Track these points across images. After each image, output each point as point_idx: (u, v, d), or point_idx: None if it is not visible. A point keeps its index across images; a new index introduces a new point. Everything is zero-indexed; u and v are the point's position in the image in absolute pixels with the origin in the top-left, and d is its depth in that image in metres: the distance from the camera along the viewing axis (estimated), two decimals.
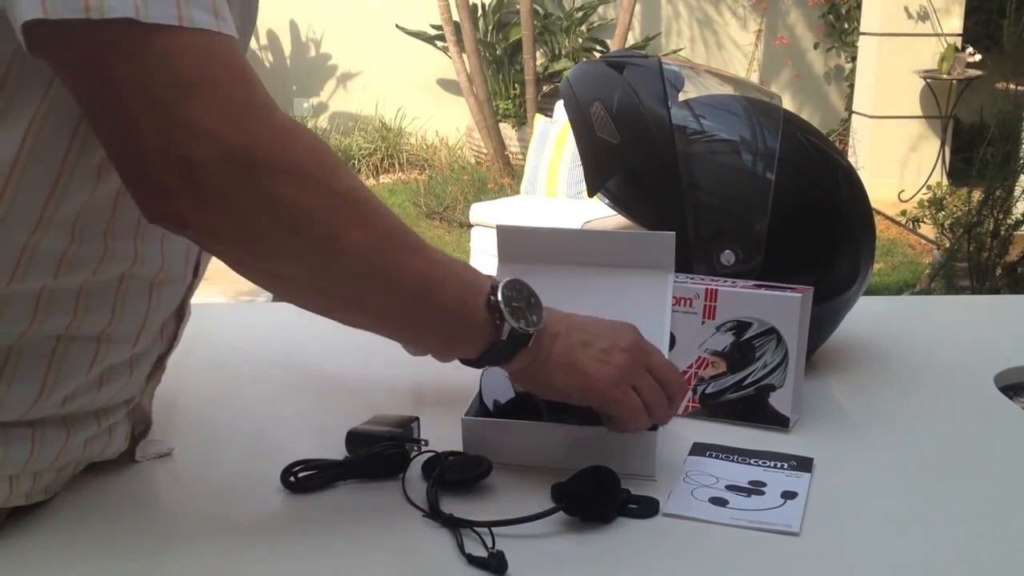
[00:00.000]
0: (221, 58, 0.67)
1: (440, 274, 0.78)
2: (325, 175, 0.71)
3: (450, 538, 0.78)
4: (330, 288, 0.75)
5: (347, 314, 0.78)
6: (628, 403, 0.85)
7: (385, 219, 0.75)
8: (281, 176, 0.68)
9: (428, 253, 0.78)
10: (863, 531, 0.81)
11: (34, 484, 0.80)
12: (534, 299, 0.83)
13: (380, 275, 0.75)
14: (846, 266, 1.11)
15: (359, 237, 0.72)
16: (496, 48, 7.50)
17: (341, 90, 7.90)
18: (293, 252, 0.71)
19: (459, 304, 0.80)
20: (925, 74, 6.71)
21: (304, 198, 0.69)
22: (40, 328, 0.76)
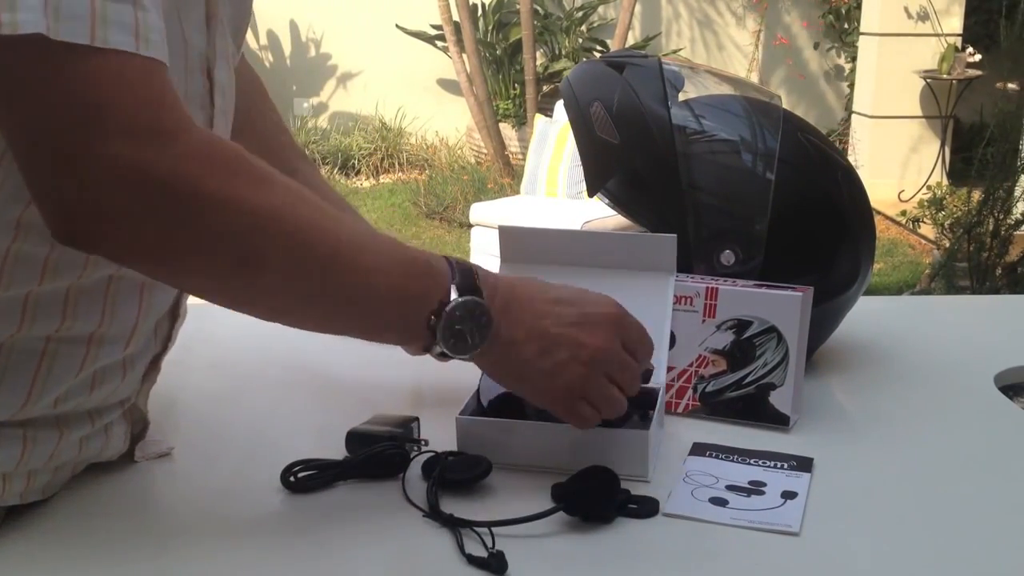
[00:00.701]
0: (129, 80, 0.65)
1: (376, 285, 0.77)
2: (237, 197, 0.69)
3: (450, 538, 0.78)
4: (249, 301, 0.75)
5: (273, 320, 0.78)
6: (575, 418, 0.85)
7: (310, 235, 0.73)
8: (184, 201, 0.67)
9: (369, 259, 0.77)
10: (863, 531, 0.81)
11: (28, 484, 0.80)
12: (485, 319, 0.80)
13: (301, 293, 0.75)
14: (846, 266, 1.11)
15: (272, 259, 0.72)
16: (496, 48, 7.50)
17: (341, 90, 7.90)
18: (205, 273, 0.72)
19: (394, 314, 0.79)
20: (925, 74, 6.71)
21: (214, 223, 0.69)
22: (29, 331, 0.76)
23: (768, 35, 8.03)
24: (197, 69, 0.81)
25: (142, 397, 0.91)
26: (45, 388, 0.77)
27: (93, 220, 0.66)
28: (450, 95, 7.78)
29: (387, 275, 0.77)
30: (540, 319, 0.84)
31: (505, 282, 0.84)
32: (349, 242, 0.76)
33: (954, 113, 6.81)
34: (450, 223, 6.37)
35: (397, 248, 0.80)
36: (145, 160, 0.65)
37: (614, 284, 1.00)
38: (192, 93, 0.81)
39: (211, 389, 1.09)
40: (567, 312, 0.84)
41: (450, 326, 0.79)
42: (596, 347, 0.84)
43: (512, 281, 0.85)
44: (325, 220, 0.75)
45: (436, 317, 0.79)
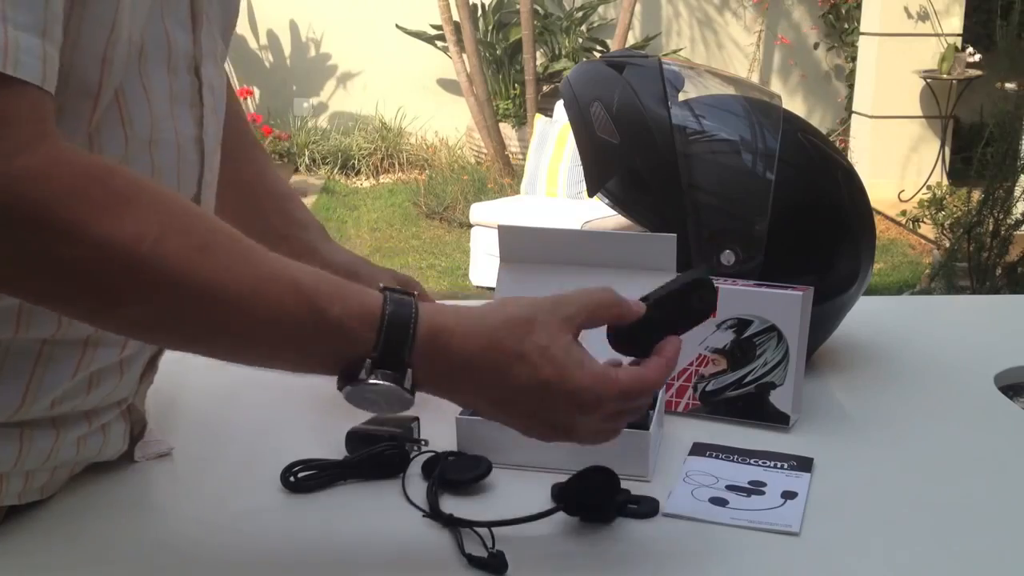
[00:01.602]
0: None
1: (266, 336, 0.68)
2: (79, 223, 0.62)
3: (450, 538, 0.78)
4: (121, 329, 0.70)
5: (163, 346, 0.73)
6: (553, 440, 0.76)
7: (178, 273, 0.64)
8: (26, 226, 0.61)
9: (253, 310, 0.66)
10: (863, 531, 0.81)
11: (26, 484, 0.80)
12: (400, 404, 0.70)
13: (176, 331, 0.67)
14: (846, 266, 1.11)
15: (131, 296, 0.64)
16: (496, 48, 7.50)
17: (341, 90, 7.90)
18: (63, 302, 0.66)
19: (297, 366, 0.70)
20: (925, 74, 6.72)
21: (55, 250, 0.62)
22: (26, 335, 0.75)
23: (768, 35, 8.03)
24: (183, 68, 0.81)
25: (139, 397, 0.91)
26: (41, 390, 0.77)
27: None
28: (450, 95, 7.78)
29: (287, 329, 0.67)
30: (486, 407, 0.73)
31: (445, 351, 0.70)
32: (236, 285, 0.66)
33: (954, 113, 6.81)
34: (450, 223, 6.37)
35: (306, 294, 0.67)
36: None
37: (614, 284, 1.00)
38: (179, 92, 0.80)
39: (211, 389, 1.09)
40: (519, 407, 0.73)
41: (359, 398, 0.70)
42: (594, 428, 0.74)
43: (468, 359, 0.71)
44: (206, 254, 0.65)
45: (342, 386, 0.69)
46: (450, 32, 6.92)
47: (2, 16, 0.61)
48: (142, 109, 0.76)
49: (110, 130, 0.74)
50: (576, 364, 0.71)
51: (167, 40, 0.78)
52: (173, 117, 0.80)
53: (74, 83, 0.69)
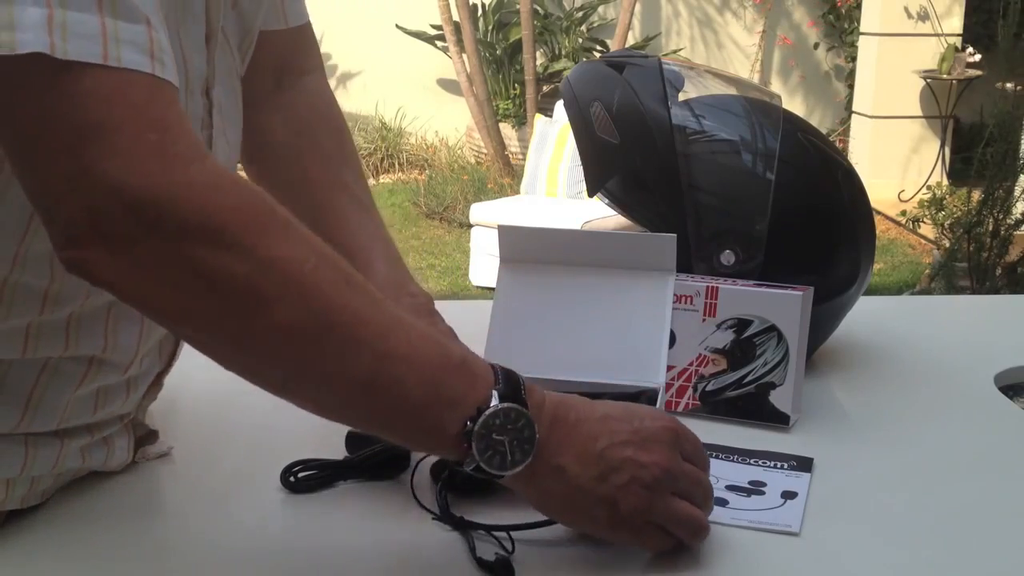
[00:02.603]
0: (134, 101, 0.61)
1: (400, 372, 0.67)
2: (248, 238, 0.63)
3: (451, 540, 0.78)
4: (251, 365, 0.68)
5: (276, 392, 0.70)
6: (642, 543, 0.75)
7: (330, 301, 0.65)
8: (192, 234, 0.61)
9: (394, 343, 0.67)
10: (863, 531, 0.81)
11: (31, 489, 0.80)
12: (528, 431, 0.70)
13: (309, 363, 0.67)
14: (846, 266, 1.11)
15: (284, 315, 0.64)
16: (496, 48, 7.51)
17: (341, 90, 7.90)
18: (204, 318, 0.65)
19: (421, 412, 0.69)
20: (925, 74, 6.72)
21: (217, 261, 0.62)
22: (33, 356, 0.75)
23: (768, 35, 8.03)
24: (197, 90, 0.80)
25: (141, 411, 0.91)
26: (43, 400, 0.76)
27: (94, 245, 0.61)
28: (450, 95, 7.79)
29: (420, 365, 0.68)
30: (592, 440, 0.72)
31: (551, 398, 0.73)
32: (376, 320, 0.67)
33: (954, 113, 6.81)
34: (450, 223, 6.37)
35: (432, 337, 0.70)
36: (148, 184, 0.60)
37: (614, 284, 1.00)
38: (191, 113, 0.79)
39: (211, 389, 1.08)
40: (620, 429, 0.73)
41: (487, 435, 0.69)
42: (658, 465, 0.73)
43: (557, 398, 0.74)
44: (351, 288, 0.67)
45: (472, 423, 0.68)
46: (450, 32, 6.92)
47: (147, 23, 0.62)
48: None
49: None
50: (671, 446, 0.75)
51: (184, 63, 0.77)
52: None
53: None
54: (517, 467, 0.70)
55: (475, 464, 0.70)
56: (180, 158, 0.62)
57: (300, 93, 1.02)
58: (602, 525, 0.74)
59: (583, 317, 0.99)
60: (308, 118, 1.02)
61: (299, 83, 1.03)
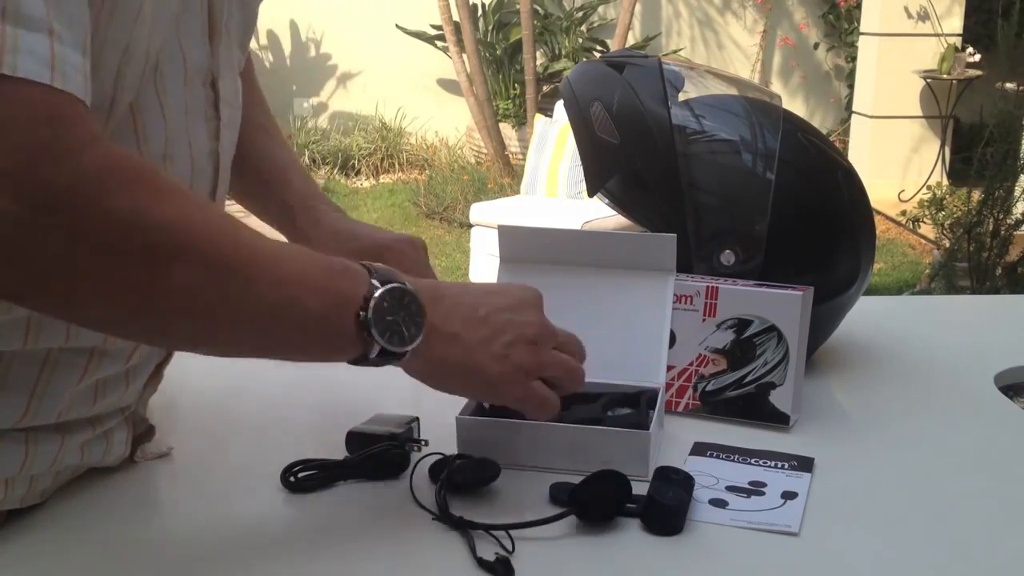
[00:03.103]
0: (33, 102, 0.62)
1: (294, 292, 0.72)
2: (137, 212, 0.65)
3: (452, 540, 0.78)
4: (161, 328, 0.70)
5: (188, 349, 0.74)
6: (532, 399, 0.84)
7: (222, 247, 0.69)
8: (84, 218, 0.63)
9: (286, 267, 0.73)
10: (863, 531, 0.81)
11: (30, 488, 0.80)
12: (415, 306, 0.77)
13: (215, 310, 0.70)
14: (846, 266, 1.11)
15: (181, 273, 0.67)
16: (496, 48, 7.51)
17: (341, 90, 7.91)
18: (106, 296, 0.66)
19: (321, 321, 0.74)
20: (925, 74, 6.72)
21: (110, 239, 0.64)
22: (35, 346, 0.75)
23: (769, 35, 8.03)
24: (197, 82, 0.81)
25: (142, 404, 0.91)
26: (45, 398, 0.77)
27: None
28: (450, 95, 7.79)
29: (309, 281, 0.73)
30: (473, 309, 0.82)
31: (423, 282, 0.80)
32: (265, 252, 0.72)
33: (954, 113, 6.81)
34: (450, 223, 6.38)
35: (311, 253, 0.76)
36: (42, 177, 0.62)
37: (614, 284, 1.00)
38: (194, 105, 0.81)
39: (211, 389, 1.09)
40: (497, 299, 0.83)
41: (381, 318, 0.75)
42: (538, 322, 0.84)
43: (427, 281, 0.82)
44: (236, 229, 0.71)
45: (364, 312, 0.75)
46: (450, 32, 6.92)
47: (49, 31, 0.63)
48: (157, 125, 0.77)
49: (123, 144, 0.74)
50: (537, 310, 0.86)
51: (182, 55, 0.78)
52: (188, 131, 0.80)
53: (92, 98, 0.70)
54: (415, 340, 0.77)
55: (378, 349, 0.75)
56: (70, 151, 0.63)
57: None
58: (496, 386, 0.82)
59: (583, 317, 0.99)
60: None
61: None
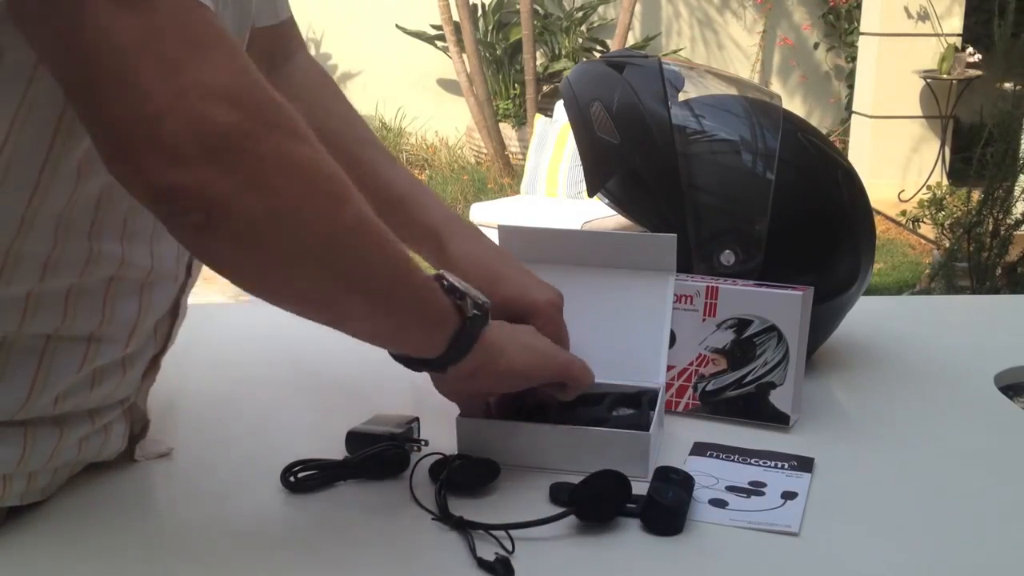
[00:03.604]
0: (219, 25, 0.65)
1: (407, 261, 0.77)
2: (317, 154, 0.69)
3: (452, 540, 0.78)
4: (336, 262, 0.71)
5: (345, 302, 0.74)
6: (576, 363, 0.90)
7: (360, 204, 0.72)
8: (291, 135, 0.66)
9: (394, 241, 0.76)
10: (863, 531, 0.81)
11: (29, 484, 0.80)
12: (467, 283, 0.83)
13: (371, 249, 0.73)
14: (846, 266, 1.11)
15: (352, 214, 0.70)
16: (496, 48, 7.51)
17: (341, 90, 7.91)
18: (307, 216, 0.67)
19: (427, 290, 0.79)
20: (925, 74, 6.72)
21: (314, 156, 0.68)
22: (30, 328, 0.75)
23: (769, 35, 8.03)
24: None
25: (141, 396, 0.91)
26: (45, 386, 0.77)
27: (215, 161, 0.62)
28: (450, 95, 7.79)
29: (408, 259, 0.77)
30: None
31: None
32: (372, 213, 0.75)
33: (954, 113, 6.81)
34: None
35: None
36: (255, 93, 0.65)
37: (614, 284, 1.00)
38: None
39: (211, 389, 1.09)
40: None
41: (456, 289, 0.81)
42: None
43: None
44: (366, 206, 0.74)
45: (445, 281, 0.81)
46: (450, 32, 6.92)
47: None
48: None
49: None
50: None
51: None
52: None
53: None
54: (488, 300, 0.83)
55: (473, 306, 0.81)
56: (259, 75, 0.66)
57: (296, 68, 1.05)
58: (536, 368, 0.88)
59: (583, 317, 0.99)
60: (312, 87, 1.06)
61: (292, 61, 1.05)
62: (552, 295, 0.95)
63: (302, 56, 1.07)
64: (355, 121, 1.06)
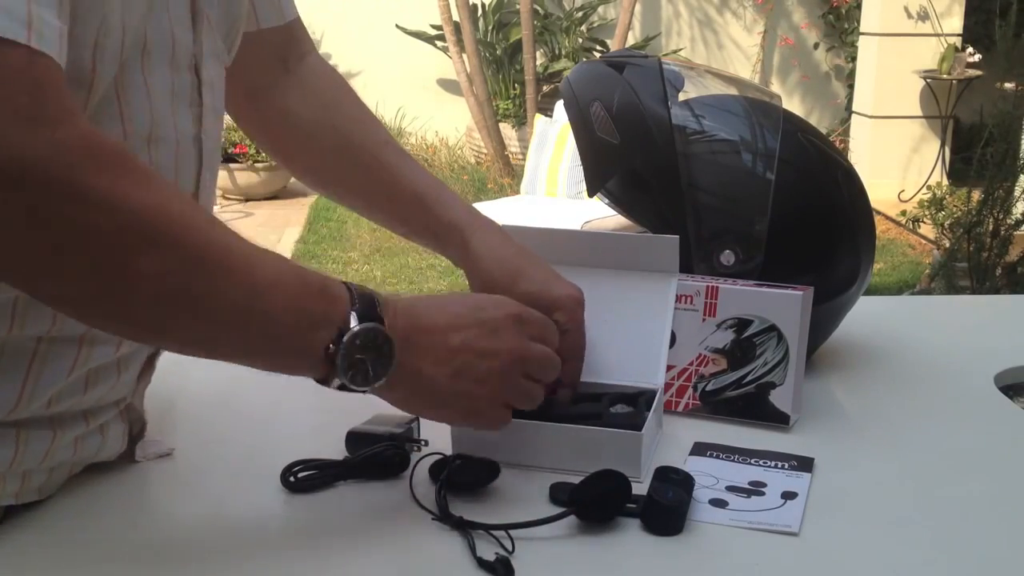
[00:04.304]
0: (12, 66, 0.61)
1: (265, 302, 0.71)
2: (115, 194, 0.64)
3: (452, 539, 0.78)
4: (120, 314, 0.69)
5: (149, 340, 0.74)
6: (497, 422, 0.85)
7: (197, 240, 0.68)
8: (58, 193, 0.63)
9: (260, 273, 0.71)
10: (863, 531, 0.81)
11: (23, 484, 0.79)
12: (387, 348, 0.76)
13: (179, 303, 0.69)
14: (846, 266, 1.11)
15: (150, 261, 0.66)
16: (496, 48, 7.50)
17: None
18: (71, 274, 0.65)
19: (289, 338, 0.73)
20: (925, 74, 6.71)
21: (84, 218, 0.63)
22: (20, 332, 0.75)
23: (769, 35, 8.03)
24: (184, 66, 0.81)
25: (138, 396, 0.91)
26: (37, 388, 0.76)
27: None
28: (450, 95, 7.78)
29: (282, 293, 0.72)
30: (444, 340, 0.80)
31: (402, 307, 0.79)
32: (241, 253, 0.71)
33: (954, 113, 6.81)
34: None
35: (291, 266, 0.75)
36: (22, 144, 0.61)
37: (615, 285, 1.00)
38: (179, 90, 0.81)
39: (211, 389, 1.09)
40: (468, 324, 0.82)
41: (350, 355, 0.74)
42: (508, 351, 0.82)
43: (406, 304, 0.80)
44: (215, 228, 0.70)
45: (335, 345, 0.73)
46: (450, 32, 6.92)
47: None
48: (142, 106, 0.77)
49: (107, 126, 0.74)
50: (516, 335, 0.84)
51: (171, 36, 0.79)
52: (173, 114, 0.80)
53: (69, 71, 0.69)
54: (379, 381, 0.76)
55: (339, 383, 0.75)
56: (52, 121, 0.63)
57: (309, 71, 1.05)
58: (459, 415, 0.84)
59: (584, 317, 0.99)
60: (327, 90, 1.05)
61: (304, 63, 1.05)
62: (574, 291, 0.94)
63: (314, 58, 1.07)
64: (372, 123, 1.05)
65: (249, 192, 6.54)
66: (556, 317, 0.91)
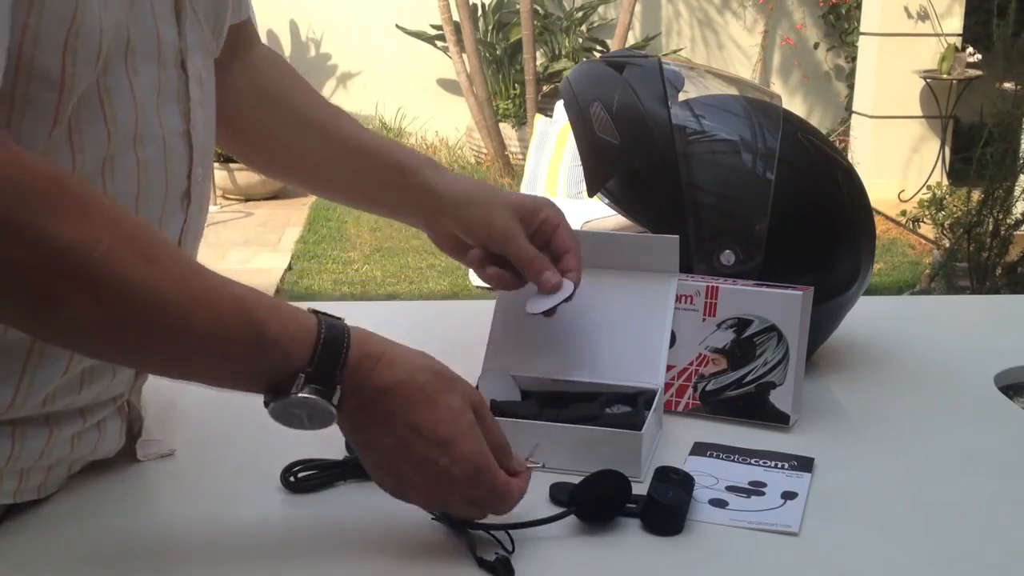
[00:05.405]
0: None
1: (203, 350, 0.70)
2: (37, 228, 0.63)
3: (450, 539, 0.78)
4: (55, 339, 0.70)
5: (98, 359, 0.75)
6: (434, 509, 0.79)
7: (126, 283, 0.66)
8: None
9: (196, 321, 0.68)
10: (863, 531, 0.81)
11: (21, 482, 0.79)
12: (327, 416, 0.72)
13: (110, 348, 0.70)
14: (846, 266, 1.11)
15: (75, 309, 0.65)
16: (496, 48, 7.50)
17: (341, 90, 7.90)
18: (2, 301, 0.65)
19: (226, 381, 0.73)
20: (925, 74, 6.71)
21: (5, 251, 0.62)
22: (15, 332, 0.75)
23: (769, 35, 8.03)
24: (170, 63, 0.81)
25: (135, 393, 0.91)
26: (32, 387, 0.76)
27: None
28: (450, 95, 7.78)
29: (225, 341, 0.69)
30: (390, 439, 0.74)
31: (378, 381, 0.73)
32: (180, 297, 0.68)
33: (954, 113, 6.81)
34: None
35: (245, 309, 0.70)
36: None
37: (615, 285, 1.00)
38: (166, 87, 0.80)
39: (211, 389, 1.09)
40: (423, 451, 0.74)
41: (285, 410, 0.72)
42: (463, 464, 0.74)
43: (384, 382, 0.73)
44: (152, 266, 0.67)
45: (273, 397, 0.72)
46: (450, 32, 6.91)
47: None
48: (127, 105, 0.76)
49: (92, 127, 0.74)
50: (476, 439, 0.75)
51: (156, 33, 0.78)
52: (159, 112, 0.80)
53: (37, 73, 0.69)
54: (315, 428, 0.73)
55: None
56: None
57: (258, 56, 1.06)
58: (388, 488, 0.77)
59: (584, 317, 0.99)
60: (277, 72, 1.07)
61: (252, 51, 1.06)
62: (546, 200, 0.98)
63: (261, 46, 1.08)
64: (316, 95, 1.07)
65: (249, 192, 6.54)
66: (543, 215, 0.94)
